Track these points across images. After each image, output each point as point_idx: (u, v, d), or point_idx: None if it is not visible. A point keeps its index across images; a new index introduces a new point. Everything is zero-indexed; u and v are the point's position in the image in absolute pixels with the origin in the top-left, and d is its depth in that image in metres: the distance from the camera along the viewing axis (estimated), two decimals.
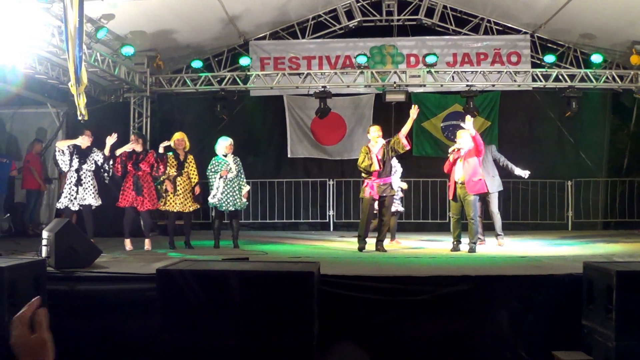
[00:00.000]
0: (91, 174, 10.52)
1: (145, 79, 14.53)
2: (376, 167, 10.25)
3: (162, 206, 10.85)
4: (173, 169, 10.76)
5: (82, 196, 10.36)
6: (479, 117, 15.12)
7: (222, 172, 10.76)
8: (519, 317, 6.52)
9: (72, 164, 10.40)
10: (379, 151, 10.30)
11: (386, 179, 10.34)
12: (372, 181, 10.31)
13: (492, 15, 15.38)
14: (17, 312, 2.21)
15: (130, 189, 10.56)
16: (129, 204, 10.57)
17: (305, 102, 15.65)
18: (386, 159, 10.31)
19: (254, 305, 5.36)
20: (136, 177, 10.56)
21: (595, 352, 5.66)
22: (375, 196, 10.31)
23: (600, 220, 15.41)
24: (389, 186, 10.37)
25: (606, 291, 5.41)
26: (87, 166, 10.45)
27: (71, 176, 10.40)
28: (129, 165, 10.57)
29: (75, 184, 10.37)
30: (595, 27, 13.73)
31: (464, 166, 10.15)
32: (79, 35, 8.04)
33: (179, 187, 10.77)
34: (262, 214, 15.75)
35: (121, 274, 7.32)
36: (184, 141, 10.93)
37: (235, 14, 13.92)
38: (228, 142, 11.00)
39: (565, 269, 7.17)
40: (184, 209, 10.81)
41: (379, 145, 10.31)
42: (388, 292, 6.75)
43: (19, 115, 15.37)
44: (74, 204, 10.35)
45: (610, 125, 15.56)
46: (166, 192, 10.75)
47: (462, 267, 7.86)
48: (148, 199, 10.64)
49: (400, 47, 15.77)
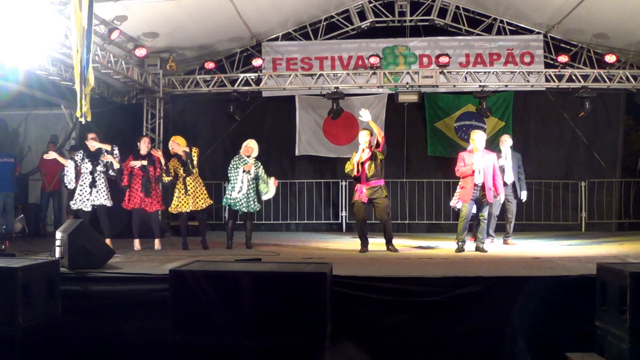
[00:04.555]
0: (104, 175, 10.63)
1: (158, 80, 14.55)
2: (354, 172, 10.33)
3: (174, 209, 10.90)
4: (180, 171, 10.83)
5: (95, 197, 10.47)
6: (492, 117, 15.10)
7: (245, 167, 10.84)
8: (532, 318, 6.50)
9: (84, 168, 10.52)
10: (363, 156, 10.33)
11: (376, 182, 10.35)
12: (360, 185, 10.38)
13: (505, 16, 15.32)
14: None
15: (138, 190, 10.68)
16: (137, 206, 10.67)
17: (317, 102, 15.62)
18: (374, 163, 10.32)
19: (266, 306, 5.37)
20: (144, 178, 10.68)
21: (608, 353, 5.62)
22: (364, 199, 10.33)
23: (614, 221, 15.30)
24: (379, 188, 10.36)
25: (620, 292, 5.38)
26: (100, 168, 10.55)
27: (85, 178, 10.52)
28: (138, 168, 10.70)
29: (89, 185, 10.48)
30: (609, 26, 13.64)
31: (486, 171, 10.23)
32: (88, 36, 8.05)
33: (189, 186, 10.85)
34: (275, 214, 15.76)
35: (134, 274, 7.36)
36: (175, 144, 10.94)
37: (247, 15, 13.92)
38: (244, 145, 11.14)
39: (579, 270, 7.15)
40: (197, 207, 10.89)
41: (360, 149, 10.37)
42: (401, 293, 6.75)
43: (33, 117, 15.49)
44: (87, 205, 10.45)
45: (624, 125, 15.46)
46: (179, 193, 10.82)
47: (475, 268, 7.84)
48: (156, 200, 10.78)
49: (413, 47, 15.73)
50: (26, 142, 15.52)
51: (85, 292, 7.05)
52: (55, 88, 13.01)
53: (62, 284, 6.63)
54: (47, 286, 6.22)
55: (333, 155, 15.79)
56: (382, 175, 10.46)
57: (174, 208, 10.93)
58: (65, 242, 7.61)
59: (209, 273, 5.60)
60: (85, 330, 6.76)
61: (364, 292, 6.74)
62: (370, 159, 10.32)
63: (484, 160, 10.25)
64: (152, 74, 14.36)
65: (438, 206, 15.34)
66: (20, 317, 5.63)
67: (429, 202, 15.41)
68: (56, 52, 11.13)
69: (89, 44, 8.09)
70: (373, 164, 10.31)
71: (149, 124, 14.80)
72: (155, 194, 10.91)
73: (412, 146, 15.83)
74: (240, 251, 10.39)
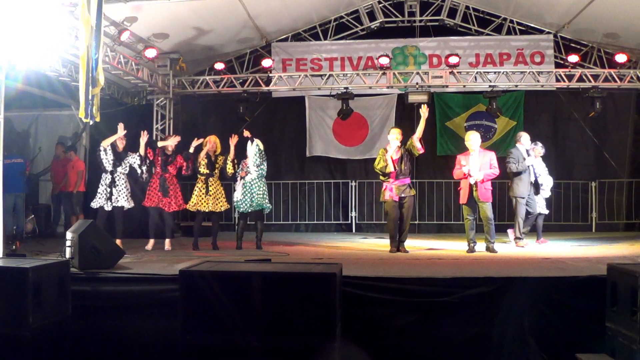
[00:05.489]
0: (125, 177, 10.77)
1: (168, 81, 14.59)
2: (391, 168, 10.30)
3: (192, 206, 10.92)
4: (206, 169, 10.85)
5: (115, 197, 10.56)
6: (503, 117, 15.07)
7: (241, 173, 10.85)
8: (543, 319, 6.49)
9: (107, 166, 10.61)
10: (395, 153, 10.31)
11: (404, 180, 10.36)
12: (390, 184, 10.35)
13: (515, 16, 15.29)
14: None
15: (156, 189, 10.71)
16: (155, 205, 10.70)
17: (327, 103, 15.63)
18: (404, 161, 10.32)
19: (276, 307, 5.38)
20: (163, 178, 10.74)
21: (619, 354, 5.60)
22: (395, 198, 10.31)
23: (625, 221, 15.24)
24: (407, 187, 10.38)
25: (631, 293, 5.36)
26: (121, 169, 10.66)
27: (106, 177, 10.60)
28: (158, 166, 10.74)
29: (109, 185, 10.55)
30: (620, 26, 13.59)
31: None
32: (97, 36, 8.07)
33: (211, 187, 10.88)
34: (285, 215, 15.79)
35: (144, 275, 7.38)
36: (216, 144, 11.06)
37: (257, 16, 13.94)
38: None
39: (589, 270, 7.12)
40: (216, 209, 10.94)
41: (394, 147, 10.34)
42: (411, 293, 6.75)
43: (43, 118, 15.53)
44: (107, 205, 10.54)
45: (634, 125, 15.38)
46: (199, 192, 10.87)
47: (486, 269, 7.83)
48: (174, 200, 10.81)
49: (423, 47, 15.72)
50: (36, 143, 15.57)
51: (95, 292, 7.07)
52: (65, 89, 13.06)
53: (73, 284, 6.66)
54: (58, 286, 6.24)
55: (343, 156, 15.79)
56: (410, 173, 10.54)
57: (192, 206, 10.94)
58: (75, 242, 7.63)
59: (219, 273, 5.61)
60: (95, 330, 6.78)
61: (373, 293, 6.74)
62: (402, 156, 10.33)
63: (481, 160, 10.27)
64: (162, 74, 14.41)
65: (448, 207, 15.33)
66: (31, 317, 5.65)
67: (439, 203, 15.40)
68: (67, 53, 11.18)
69: (97, 44, 8.10)
70: (405, 162, 10.35)
71: (159, 125, 14.82)
72: (175, 194, 10.91)
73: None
74: (250, 252, 10.40)
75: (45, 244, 11.47)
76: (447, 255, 10.13)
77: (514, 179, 11.28)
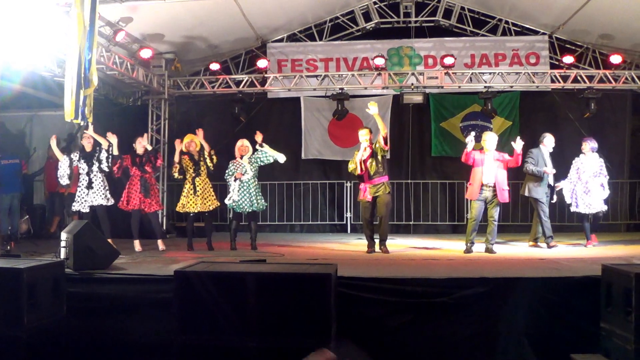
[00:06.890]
0: (101, 175, 10.65)
1: (163, 81, 14.59)
2: (358, 170, 10.32)
3: (181, 208, 10.92)
4: (191, 170, 10.82)
5: (92, 198, 10.48)
6: (498, 117, 15.09)
7: (236, 175, 10.81)
8: (537, 319, 6.49)
9: (80, 170, 10.57)
10: (364, 153, 10.33)
11: (379, 179, 10.33)
12: (364, 184, 10.38)
13: (510, 16, 15.30)
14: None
15: (137, 191, 10.68)
16: (137, 207, 10.68)
17: (322, 104, 15.63)
18: (376, 160, 10.31)
19: (271, 307, 5.38)
20: (143, 179, 10.70)
21: (613, 355, 5.61)
22: (368, 198, 10.33)
23: (621, 222, 15.25)
24: (382, 185, 10.33)
25: (625, 294, 5.37)
26: (95, 168, 10.55)
27: (83, 179, 10.56)
28: (135, 169, 10.70)
29: (87, 187, 10.50)
30: (615, 27, 13.62)
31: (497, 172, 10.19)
32: (90, 36, 8.05)
33: (198, 187, 10.85)
34: (280, 215, 15.78)
35: (139, 275, 7.37)
36: (193, 142, 10.96)
37: (252, 16, 13.93)
38: (238, 144, 11.11)
39: (584, 271, 7.13)
40: (204, 209, 10.90)
41: (362, 147, 10.38)
42: (406, 294, 6.74)
43: (38, 118, 15.50)
44: (84, 206, 10.47)
45: (630, 126, 15.42)
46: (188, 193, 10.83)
47: (481, 269, 7.83)
48: (155, 200, 10.82)
49: (418, 48, 15.71)
50: (32, 143, 15.55)
51: (90, 293, 7.06)
52: (60, 89, 12.95)
53: (68, 284, 6.65)
54: (53, 287, 6.24)
55: (339, 158, 15.77)
56: (386, 172, 10.45)
57: (180, 207, 10.94)
58: (70, 243, 7.62)
59: (214, 274, 5.62)
60: (90, 331, 6.76)
61: (368, 293, 6.74)
62: (371, 156, 10.33)
63: (494, 160, 10.25)
64: (157, 75, 14.40)
65: (442, 207, 15.35)
66: (26, 318, 5.64)
67: (434, 203, 15.40)
68: (62, 53, 11.13)
69: (91, 44, 8.09)
70: (374, 161, 10.31)
71: (154, 125, 14.81)
72: (154, 194, 10.95)
73: (417, 148, 15.81)
74: (245, 252, 10.38)
75: (39, 244, 11.45)
76: (442, 255, 10.14)
77: (530, 180, 11.24)
